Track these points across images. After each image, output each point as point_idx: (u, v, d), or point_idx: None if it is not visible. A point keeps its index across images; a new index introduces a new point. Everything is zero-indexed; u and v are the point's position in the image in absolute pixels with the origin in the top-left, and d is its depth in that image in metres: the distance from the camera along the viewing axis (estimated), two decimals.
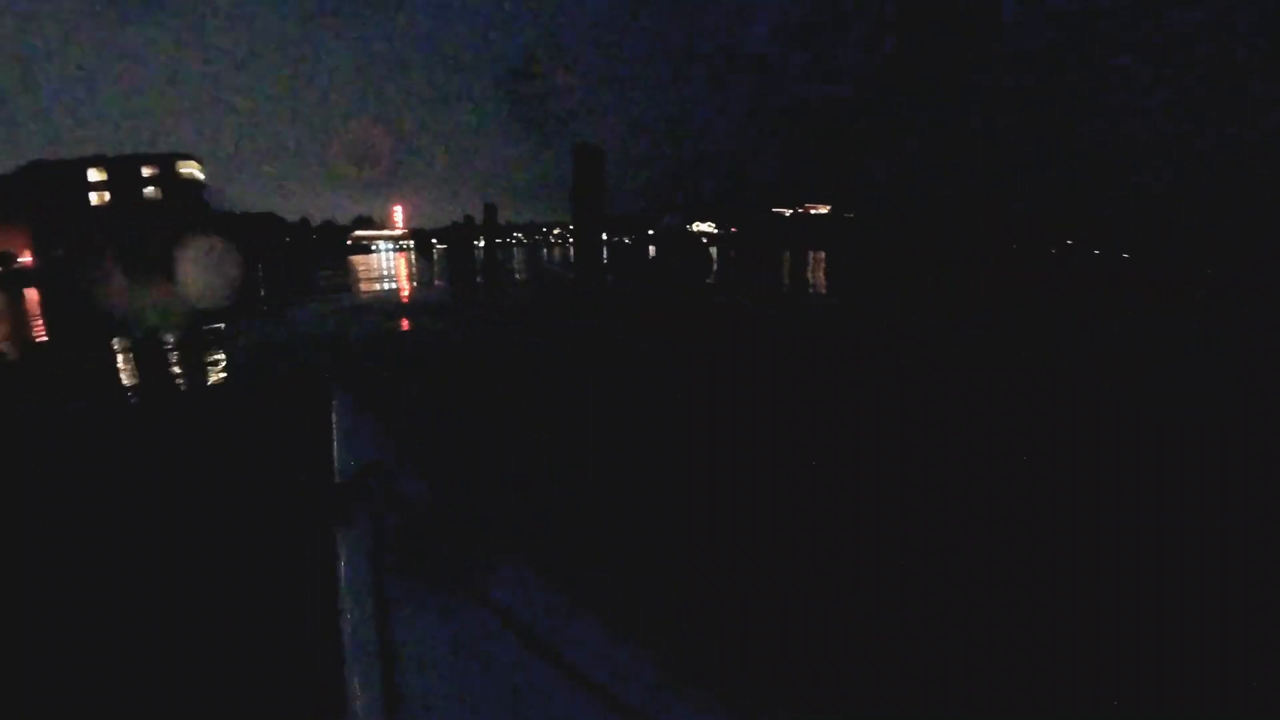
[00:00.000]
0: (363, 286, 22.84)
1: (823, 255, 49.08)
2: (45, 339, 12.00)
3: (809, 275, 26.60)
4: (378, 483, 1.62)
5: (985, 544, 2.93)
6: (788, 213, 69.63)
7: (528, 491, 3.50)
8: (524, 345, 9.12)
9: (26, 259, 34.62)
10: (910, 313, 13.21)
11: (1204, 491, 3.50)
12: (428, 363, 8.09)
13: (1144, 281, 24.43)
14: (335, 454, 1.85)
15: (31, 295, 24.46)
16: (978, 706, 1.97)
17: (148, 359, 8.84)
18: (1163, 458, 4.13)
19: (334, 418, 2.03)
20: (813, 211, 69.06)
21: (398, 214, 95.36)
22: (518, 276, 29.30)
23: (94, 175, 39.30)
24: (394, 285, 23.51)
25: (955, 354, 8.24)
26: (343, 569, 1.40)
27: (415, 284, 24.08)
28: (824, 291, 19.14)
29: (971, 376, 6.83)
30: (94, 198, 40.13)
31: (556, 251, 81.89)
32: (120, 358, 9.17)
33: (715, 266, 33.41)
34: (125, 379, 7.62)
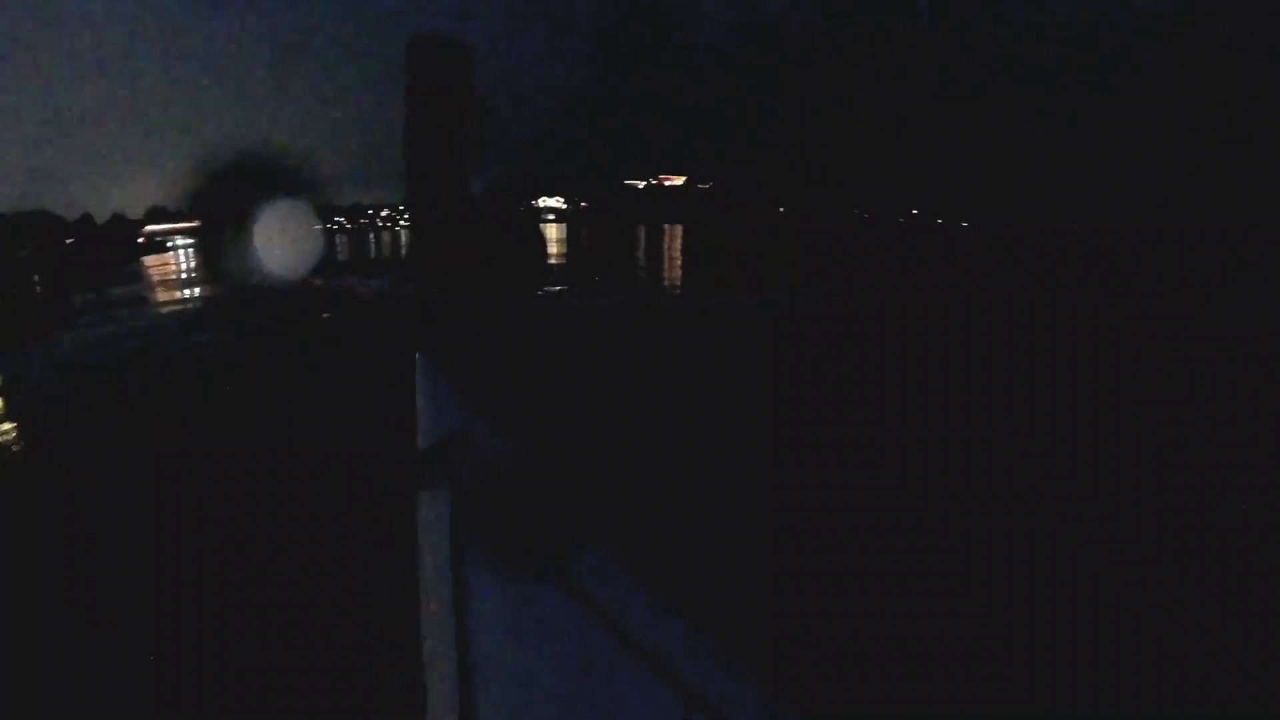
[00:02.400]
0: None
1: (679, 229, 48.11)
2: None
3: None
4: (461, 453, 1.60)
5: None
6: (641, 184, 66.63)
7: (621, 473, 2.80)
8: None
9: None
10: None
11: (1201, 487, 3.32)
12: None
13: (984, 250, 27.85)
14: (419, 422, 1.84)
15: None
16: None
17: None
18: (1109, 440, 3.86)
19: (417, 383, 2.10)
20: (667, 183, 66.66)
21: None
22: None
23: None
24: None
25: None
26: (421, 542, 1.34)
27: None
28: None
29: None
30: None
31: (385, 238, 70.97)
32: None
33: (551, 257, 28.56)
34: None
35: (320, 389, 6.97)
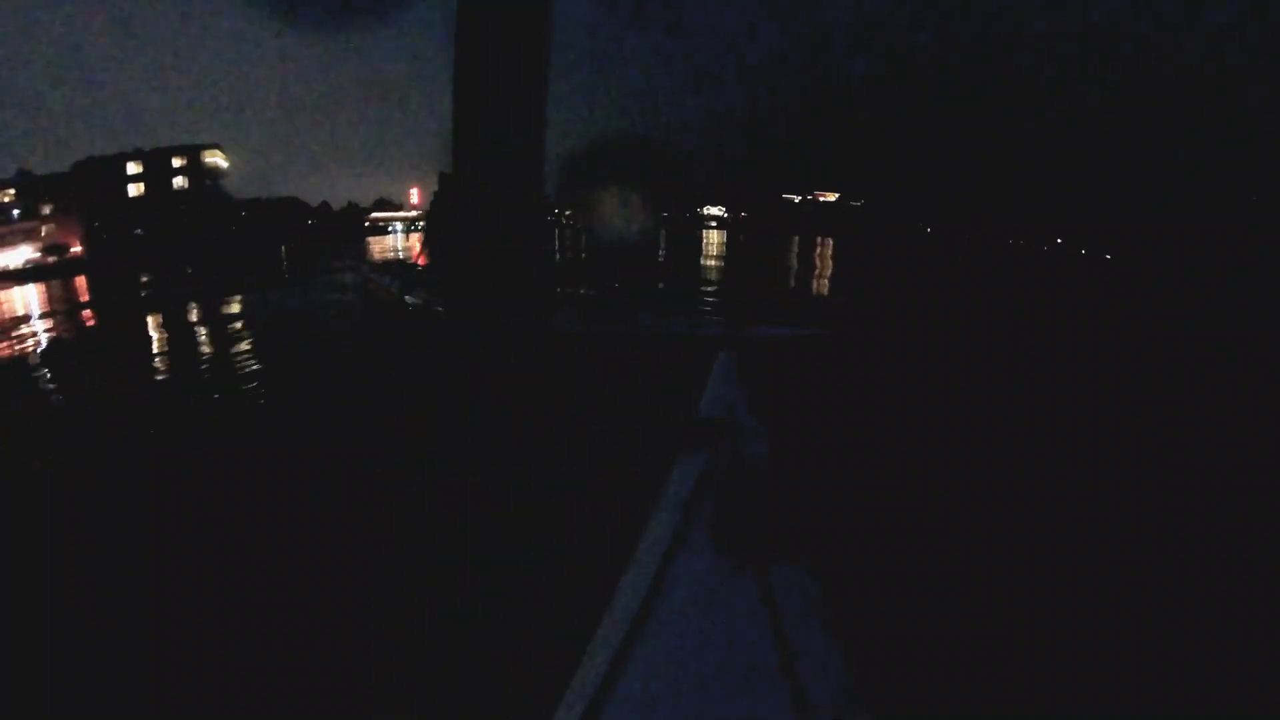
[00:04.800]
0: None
1: (830, 242, 49.48)
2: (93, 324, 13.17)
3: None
4: (721, 437, 1.69)
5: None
6: (797, 199, 70.10)
7: (857, 489, 3.44)
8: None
9: (78, 249, 37.71)
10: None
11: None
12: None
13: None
14: (705, 393, 2.01)
15: (80, 283, 26.68)
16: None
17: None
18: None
19: (713, 371, 2.21)
20: (821, 199, 69.56)
21: (414, 194, 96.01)
22: None
23: (132, 169, 42.04)
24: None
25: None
26: (657, 506, 1.48)
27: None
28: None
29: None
30: (132, 189, 43.16)
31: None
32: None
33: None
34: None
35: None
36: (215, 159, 48.62)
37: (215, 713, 2.18)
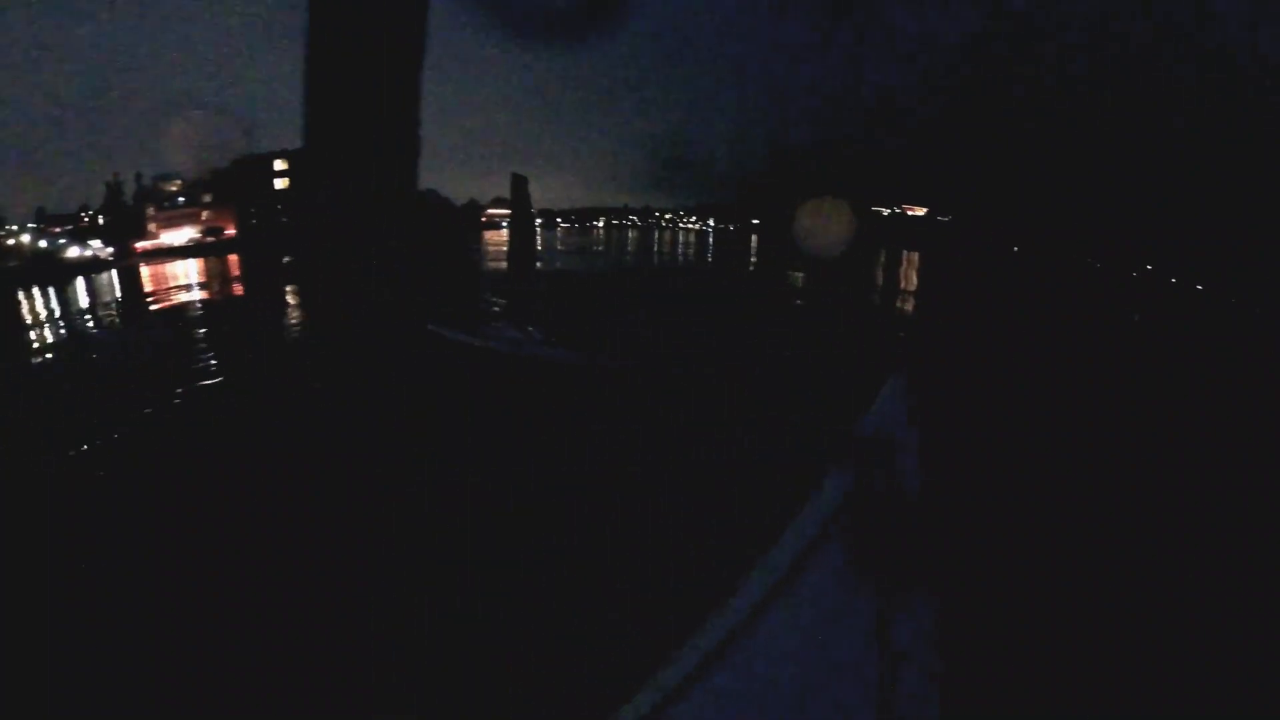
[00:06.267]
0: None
1: (916, 256, 48.41)
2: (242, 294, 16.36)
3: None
4: (875, 459, 1.66)
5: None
6: (885, 212, 68.73)
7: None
8: None
9: (231, 231, 44.74)
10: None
11: None
12: None
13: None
14: (863, 421, 1.97)
15: (231, 259, 32.31)
16: None
17: None
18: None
19: (882, 391, 2.17)
20: (910, 213, 67.83)
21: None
22: None
23: (279, 165, 49.99)
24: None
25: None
26: (804, 513, 1.46)
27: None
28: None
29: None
30: (278, 183, 51.11)
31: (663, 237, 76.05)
32: None
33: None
34: None
35: None
36: None
37: (215, 712, 2.17)
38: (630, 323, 11.49)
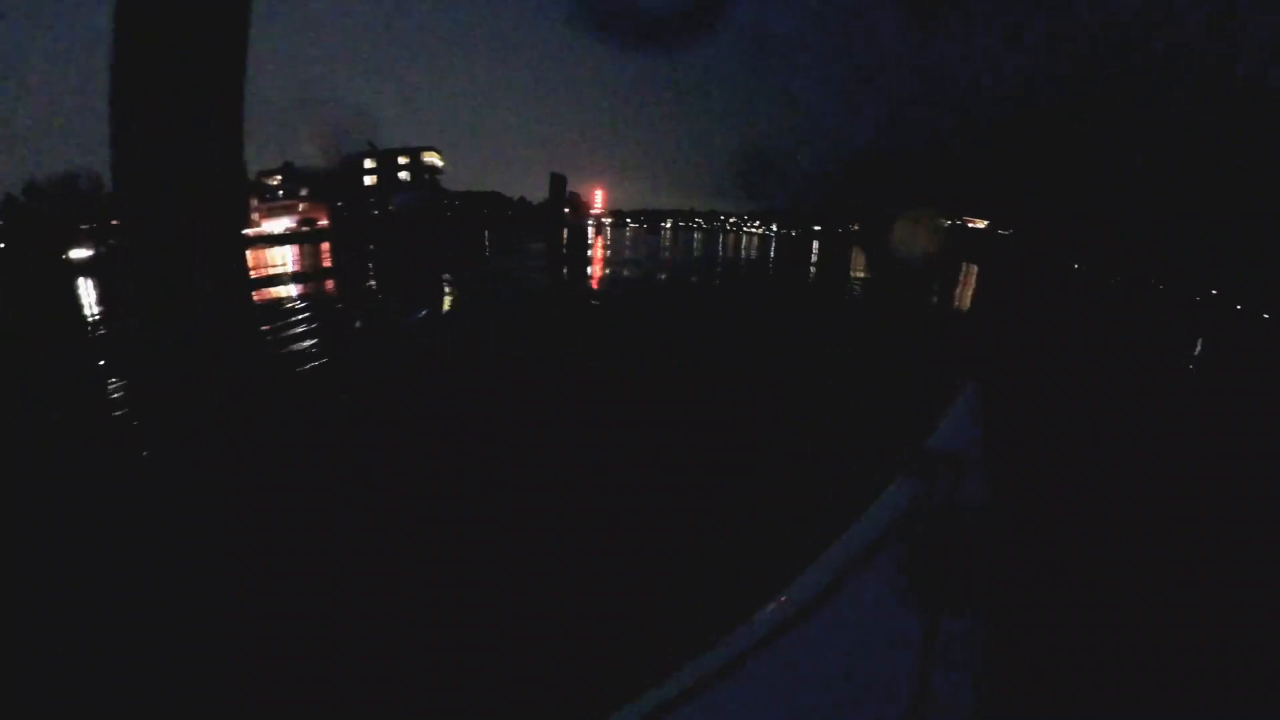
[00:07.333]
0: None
1: (974, 269, 47.47)
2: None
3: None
4: (942, 472, 1.62)
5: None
6: (946, 223, 67.65)
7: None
8: None
9: (324, 222, 49.88)
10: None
11: None
12: None
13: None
14: (936, 432, 1.94)
15: (324, 247, 36.49)
16: None
17: None
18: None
19: (956, 402, 2.16)
20: (970, 225, 66.54)
21: (597, 196, 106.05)
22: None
23: (368, 164, 55.65)
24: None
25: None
26: (862, 520, 1.45)
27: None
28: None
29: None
30: (367, 179, 56.70)
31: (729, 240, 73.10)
32: None
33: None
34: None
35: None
36: (432, 158, 60.41)
37: (216, 712, 2.16)
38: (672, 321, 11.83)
